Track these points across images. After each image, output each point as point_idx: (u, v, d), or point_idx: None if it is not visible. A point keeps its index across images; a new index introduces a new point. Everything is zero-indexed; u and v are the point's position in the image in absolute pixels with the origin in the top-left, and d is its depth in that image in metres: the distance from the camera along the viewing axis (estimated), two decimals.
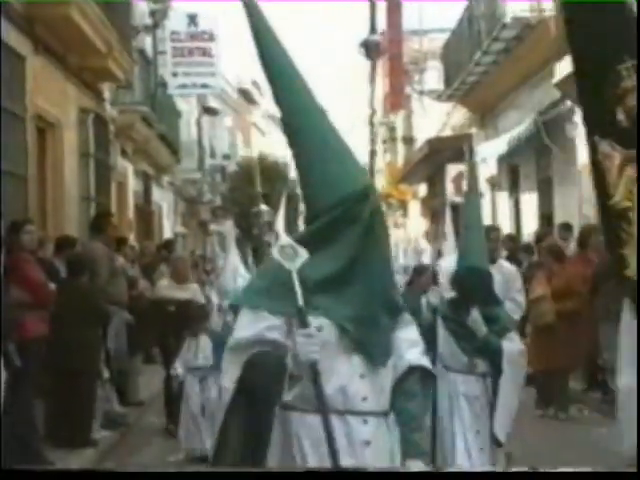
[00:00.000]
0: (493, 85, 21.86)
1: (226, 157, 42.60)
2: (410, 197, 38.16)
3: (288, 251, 3.71)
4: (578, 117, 17.10)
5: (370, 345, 3.79)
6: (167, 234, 27.56)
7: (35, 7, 12.60)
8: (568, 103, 17.28)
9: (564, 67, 15.86)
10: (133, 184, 22.33)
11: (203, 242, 36.96)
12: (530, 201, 21.18)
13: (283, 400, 3.74)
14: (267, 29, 3.90)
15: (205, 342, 9.93)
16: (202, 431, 9.66)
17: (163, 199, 28.47)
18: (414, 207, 37.61)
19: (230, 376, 3.75)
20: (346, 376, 3.76)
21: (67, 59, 14.76)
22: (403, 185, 36.76)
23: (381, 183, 40.84)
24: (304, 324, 3.65)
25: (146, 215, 24.41)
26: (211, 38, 26.20)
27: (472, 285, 6.60)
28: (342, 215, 3.76)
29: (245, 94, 53.17)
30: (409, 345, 3.95)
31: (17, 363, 8.45)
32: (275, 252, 3.72)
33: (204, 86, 27.25)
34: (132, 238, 19.31)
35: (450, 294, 7.00)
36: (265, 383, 3.70)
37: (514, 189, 22.58)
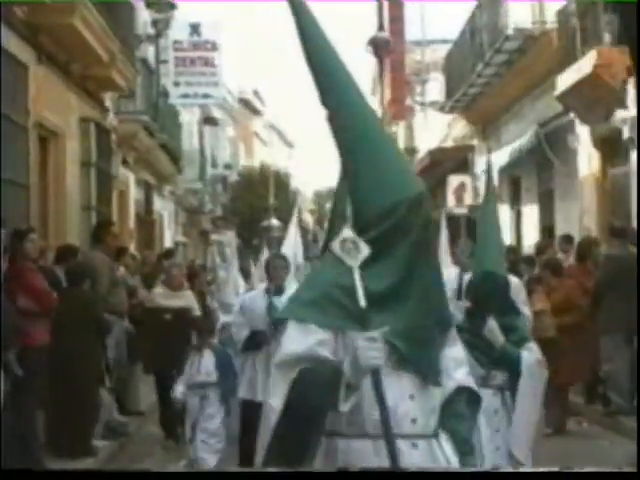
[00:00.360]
0: (495, 97, 21.87)
1: (227, 167, 42.64)
2: None
3: (349, 246, 3.40)
4: (579, 129, 17.12)
5: (422, 363, 3.55)
6: (168, 244, 27.57)
7: (38, 16, 12.61)
8: (570, 115, 17.30)
9: (566, 79, 15.88)
10: (134, 193, 22.34)
11: (204, 252, 36.97)
12: (531, 213, 21.18)
13: (334, 425, 3.47)
14: (315, 27, 3.67)
15: (208, 358, 9.49)
16: (201, 447, 9.35)
17: (164, 209, 28.48)
18: None
19: (279, 394, 3.43)
20: (395, 397, 3.47)
21: (70, 68, 14.78)
22: None
23: None
24: (365, 327, 3.35)
25: (147, 224, 24.41)
26: (213, 48, 26.24)
27: (488, 292, 6.26)
28: (395, 225, 3.48)
29: (247, 104, 53.23)
30: (456, 364, 3.71)
31: (18, 372, 8.45)
32: (335, 246, 3.43)
33: (206, 96, 27.29)
34: (133, 247, 19.31)
35: (465, 304, 6.78)
36: (318, 396, 3.40)
37: (515, 201, 22.57)
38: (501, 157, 20.14)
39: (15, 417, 8.57)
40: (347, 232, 3.46)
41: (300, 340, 3.47)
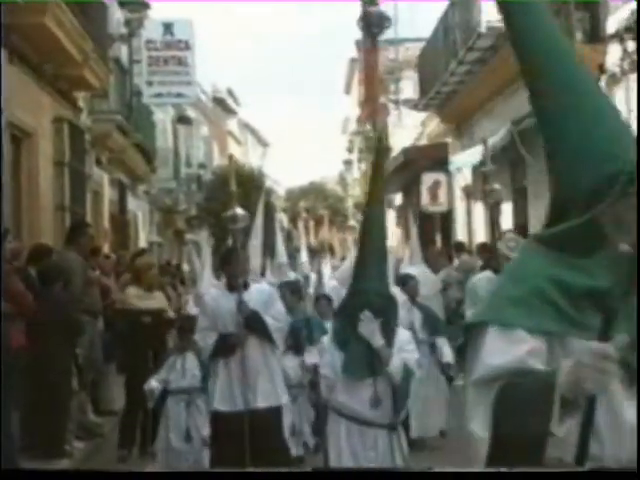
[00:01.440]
0: (469, 95, 21.91)
1: (202, 166, 42.58)
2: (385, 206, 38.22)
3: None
4: None
5: None
6: (142, 243, 27.50)
7: (10, 15, 12.52)
8: None
9: None
10: (108, 193, 22.28)
11: (179, 252, 36.89)
12: (505, 211, 21.22)
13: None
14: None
15: (191, 360, 8.89)
16: (187, 460, 8.78)
17: (138, 208, 28.40)
18: (389, 217, 37.69)
19: (482, 419, 2.76)
20: (632, 420, 2.77)
21: (42, 68, 14.71)
22: None
23: (356, 192, 40.78)
24: (583, 332, 2.67)
25: (121, 224, 24.34)
26: (187, 47, 26.18)
27: None
28: (612, 203, 2.76)
29: (221, 103, 53.16)
30: None
31: None
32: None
33: (179, 95, 27.22)
34: (107, 247, 19.25)
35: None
36: (526, 414, 2.67)
37: None
38: (474, 155, 20.21)
39: None
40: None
41: (506, 350, 2.79)
